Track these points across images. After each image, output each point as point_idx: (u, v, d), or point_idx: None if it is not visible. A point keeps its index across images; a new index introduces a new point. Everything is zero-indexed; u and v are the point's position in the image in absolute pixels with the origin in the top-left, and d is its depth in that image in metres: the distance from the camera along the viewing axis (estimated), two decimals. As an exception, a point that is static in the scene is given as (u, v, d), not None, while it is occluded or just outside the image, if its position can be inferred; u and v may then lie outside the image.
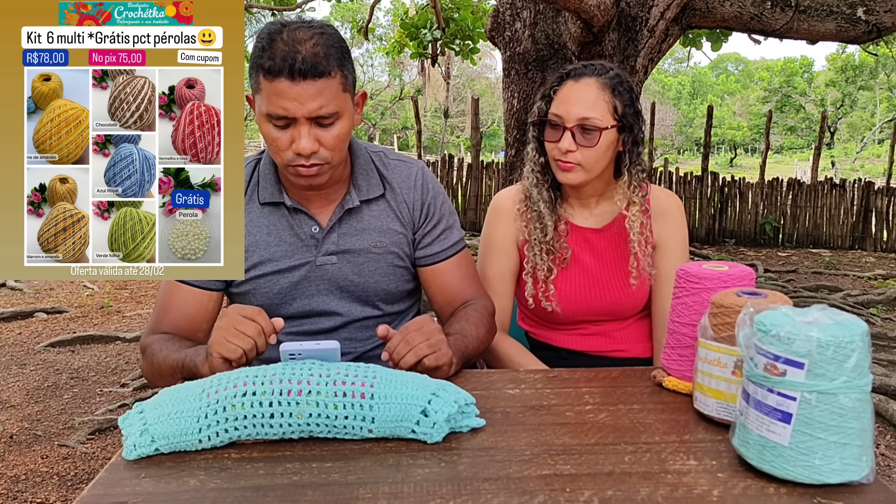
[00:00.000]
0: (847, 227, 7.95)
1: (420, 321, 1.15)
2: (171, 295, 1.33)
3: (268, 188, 1.34)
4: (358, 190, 1.36)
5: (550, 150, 1.47)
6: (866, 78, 35.46)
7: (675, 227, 1.54)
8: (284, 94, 1.14)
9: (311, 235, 1.34)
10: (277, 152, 1.21)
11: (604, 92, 1.43)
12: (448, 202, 1.48)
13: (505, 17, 3.61)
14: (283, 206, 1.34)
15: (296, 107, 1.15)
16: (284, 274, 1.34)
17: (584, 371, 1.25)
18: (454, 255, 1.44)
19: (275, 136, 1.19)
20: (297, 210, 1.34)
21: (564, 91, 1.45)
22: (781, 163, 28.35)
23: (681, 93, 48.30)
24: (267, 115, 1.18)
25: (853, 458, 0.82)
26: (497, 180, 8.01)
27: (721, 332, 0.99)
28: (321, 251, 1.34)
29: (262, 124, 1.20)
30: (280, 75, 1.13)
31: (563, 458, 0.91)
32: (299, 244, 1.34)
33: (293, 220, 1.34)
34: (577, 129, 1.41)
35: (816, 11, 3.57)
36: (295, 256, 1.34)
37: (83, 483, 2.56)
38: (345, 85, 1.20)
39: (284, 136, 1.19)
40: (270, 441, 0.97)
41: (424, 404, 0.95)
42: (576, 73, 1.46)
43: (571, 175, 1.45)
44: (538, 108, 1.50)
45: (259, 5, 7.78)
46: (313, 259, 1.34)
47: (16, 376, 3.75)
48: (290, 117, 1.16)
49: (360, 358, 1.40)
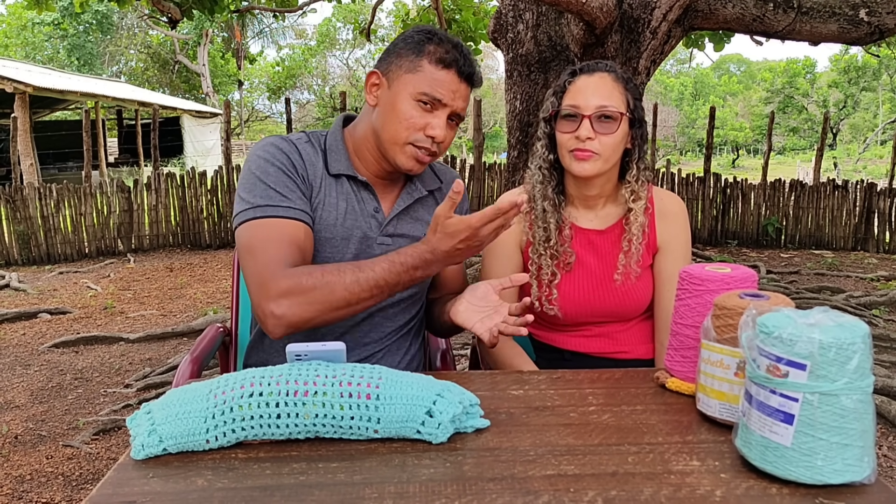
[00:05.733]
0: (849, 228, 7.94)
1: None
2: (283, 232, 1.24)
3: (341, 161, 1.39)
4: (422, 181, 1.47)
5: (566, 141, 1.47)
6: (869, 79, 35.39)
7: (678, 229, 1.55)
8: (448, 84, 1.30)
9: (371, 214, 1.39)
10: (409, 129, 1.31)
11: (618, 84, 1.47)
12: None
13: (507, 18, 3.61)
14: (356, 179, 1.38)
15: (451, 97, 1.31)
16: (349, 242, 1.36)
17: (587, 372, 1.26)
18: None
19: (414, 114, 1.30)
20: (366, 186, 1.40)
21: (579, 84, 1.47)
22: (784, 164, 28.31)
23: (683, 94, 48.22)
24: (420, 94, 1.29)
25: (855, 459, 0.82)
26: (499, 181, 8.01)
27: (724, 333, 1.00)
28: (383, 231, 1.40)
29: (405, 101, 1.30)
30: (451, 67, 1.30)
31: (567, 459, 0.92)
32: (366, 218, 1.38)
33: (360, 195, 1.39)
34: (595, 118, 1.43)
35: (819, 13, 3.57)
36: (361, 228, 1.38)
37: (88, 483, 2.57)
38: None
39: (423, 118, 1.31)
40: (277, 441, 0.98)
41: (429, 405, 0.96)
42: (588, 69, 1.49)
43: (588, 165, 1.45)
44: (551, 102, 1.52)
45: (260, 6, 7.79)
46: (375, 236, 1.39)
47: (20, 377, 3.76)
48: (443, 103, 1.30)
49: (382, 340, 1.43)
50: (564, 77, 1.51)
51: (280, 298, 1.17)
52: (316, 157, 1.38)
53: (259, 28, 32.85)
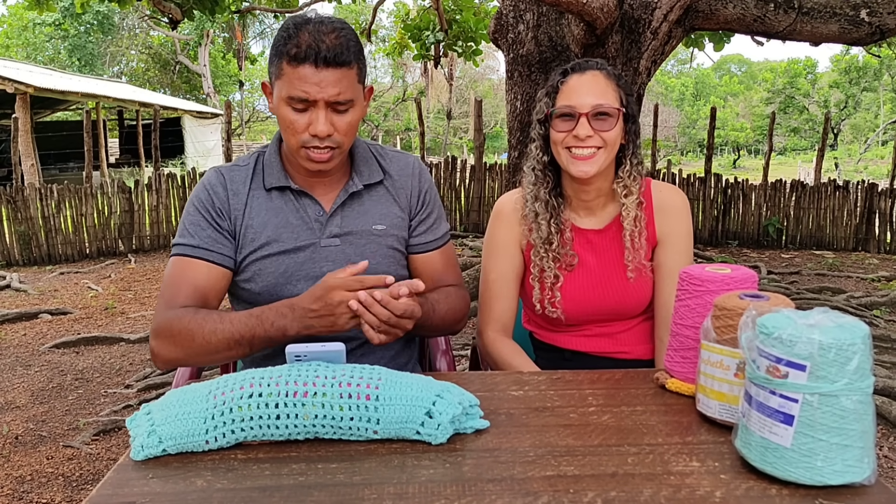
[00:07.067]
0: (850, 228, 7.93)
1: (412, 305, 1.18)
2: (185, 271, 1.33)
3: (274, 174, 1.40)
4: (360, 175, 1.43)
5: (563, 140, 1.46)
6: (870, 79, 35.36)
7: (677, 222, 1.54)
8: (308, 79, 1.23)
9: (315, 219, 1.39)
10: (293, 134, 1.29)
11: (610, 81, 1.47)
12: (437, 194, 1.56)
13: (508, 19, 3.61)
14: (289, 190, 1.39)
15: (317, 90, 1.24)
16: (289, 255, 1.37)
17: (587, 373, 1.26)
18: (443, 246, 1.52)
19: (293, 118, 1.27)
20: (302, 194, 1.39)
21: (571, 84, 1.47)
22: (785, 164, 28.28)
23: (684, 94, 48.19)
24: (288, 98, 1.26)
25: (855, 460, 0.82)
26: (500, 182, 8.01)
27: (724, 334, 1.00)
28: (325, 233, 1.39)
29: (281, 108, 1.28)
30: (305, 62, 1.23)
31: (567, 460, 0.92)
32: (304, 226, 1.38)
33: (298, 203, 1.39)
34: (591, 116, 1.43)
35: (819, 13, 3.57)
36: (300, 238, 1.38)
37: (88, 483, 2.58)
38: (359, 76, 1.31)
39: (302, 118, 1.27)
40: (276, 442, 0.98)
41: (429, 406, 0.96)
42: (580, 67, 1.49)
43: (588, 167, 1.45)
44: (544, 103, 1.51)
45: (261, 7, 7.80)
46: (317, 241, 1.38)
47: (21, 377, 3.76)
48: (311, 100, 1.25)
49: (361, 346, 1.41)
50: (556, 77, 1.51)
51: (156, 337, 1.27)
52: (244, 182, 1.39)
53: (260, 29, 32.89)
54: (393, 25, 13.94)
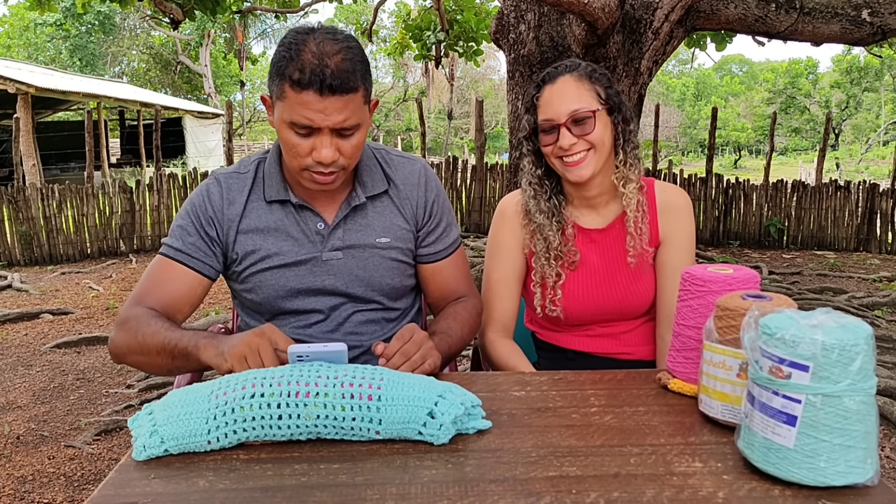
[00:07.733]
0: (852, 229, 7.92)
1: (409, 331, 1.17)
2: (163, 272, 1.34)
3: (273, 186, 1.37)
4: (363, 187, 1.39)
5: (552, 152, 1.48)
6: (871, 80, 35.34)
7: (680, 222, 1.54)
8: (311, 106, 1.17)
9: (316, 231, 1.37)
10: (296, 157, 1.24)
11: (581, 83, 1.47)
12: (447, 200, 1.52)
13: (509, 19, 3.61)
14: (290, 203, 1.36)
15: (321, 118, 1.18)
16: (291, 268, 1.36)
17: (589, 373, 1.26)
18: (453, 253, 1.49)
19: (295, 142, 1.22)
20: (303, 207, 1.36)
21: (545, 96, 1.48)
22: (786, 164, 28.25)
23: (685, 94, 48.15)
24: (290, 123, 1.21)
25: (858, 461, 0.82)
26: (501, 182, 8.00)
27: (726, 334, 0.99)
28: (327, 247, 1.37)
29: (283, 130, 1.23)
30: (309, 88, 1.16)
31: (569, 460, 0.92)
32: (305, 240, 1.37)
33: (299, 216, 1.37)
34: (570, 124, 1.44)
35: (821, 13, 3.56)
36: (301, 251, 1.36)
37: (90, 483, 2.58)
38: (366, 97, 1.25)
39: (305, 143, 1.22)
40: (279, 442, 0.98)
41: (431, 406, 0.96)
42: (550, 77, 1.50)
43: (582, 170, 1.45)
44: (526, 120, 1.53)
45: (262, 7, 7.80)
46: (319, 254, 1.36)
47: (22, 377, 3.76)
48: (316, 127, 1.19)
49: (365, 353, 1.41)
50: (531, 92, 1.52)
51: (116, 327, 1.29)
52: (241, 191, 1.37)
53: (261, 29, 32.90)
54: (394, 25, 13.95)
